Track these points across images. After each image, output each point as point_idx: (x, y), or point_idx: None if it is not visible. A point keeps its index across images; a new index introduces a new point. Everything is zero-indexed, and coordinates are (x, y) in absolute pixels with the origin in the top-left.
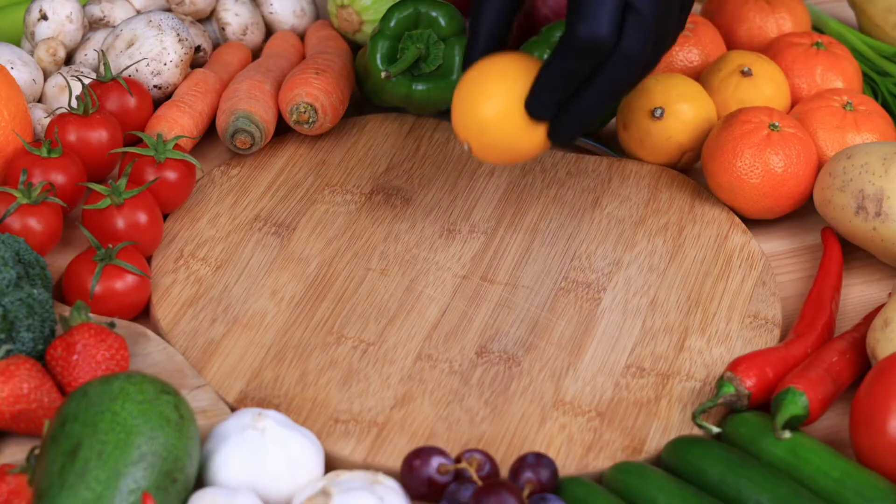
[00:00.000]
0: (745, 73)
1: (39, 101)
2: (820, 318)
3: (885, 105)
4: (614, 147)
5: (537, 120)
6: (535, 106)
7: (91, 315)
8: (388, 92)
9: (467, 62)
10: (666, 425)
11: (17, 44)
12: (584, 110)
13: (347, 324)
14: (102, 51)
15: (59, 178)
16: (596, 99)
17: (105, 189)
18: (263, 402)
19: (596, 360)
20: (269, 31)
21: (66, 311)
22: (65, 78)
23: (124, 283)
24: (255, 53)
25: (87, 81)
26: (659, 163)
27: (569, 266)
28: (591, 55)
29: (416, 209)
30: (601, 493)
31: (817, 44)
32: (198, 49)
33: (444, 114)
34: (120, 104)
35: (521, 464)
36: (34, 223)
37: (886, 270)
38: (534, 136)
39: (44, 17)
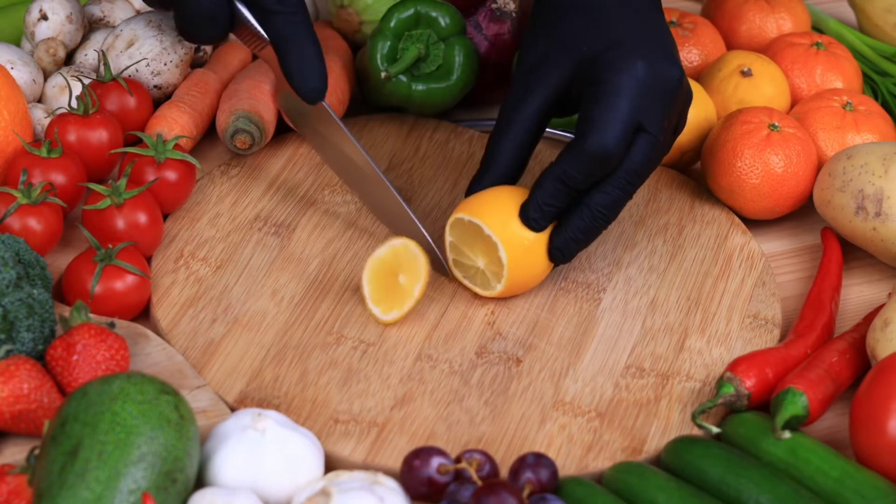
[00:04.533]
0: (745, 73)
1: (39, 101)
2: (820, 318)
3: (885, 105)
4: None
5: (530, 227)
6: (532, 210)
7: (91, 315)
8: (388, 92)
9: (471, 190)
10: (666, 425)
11: (17, 44)
12: (582, 226)
13: (347, 324)
14: (102, 51)
15: (59, 178)
16: (596, 212)
17: (105, 189)
18: (263, 403)
19: (596, 361)
20: None
21: (66, 311)
22: (65, 78)
23: (124, 283)
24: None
25: (87, 81)
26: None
27: (568, 266)
28: (595, 167)
29: (416, 209)
30: (601, 493)
31: (817, 44)
32: (198, 49)
33: (444, 114)
34: (120, 104)
35: (520, 464)
36: (34, 223)
37: (886, 270)
38: (533, 263)
39: (44, 17)
